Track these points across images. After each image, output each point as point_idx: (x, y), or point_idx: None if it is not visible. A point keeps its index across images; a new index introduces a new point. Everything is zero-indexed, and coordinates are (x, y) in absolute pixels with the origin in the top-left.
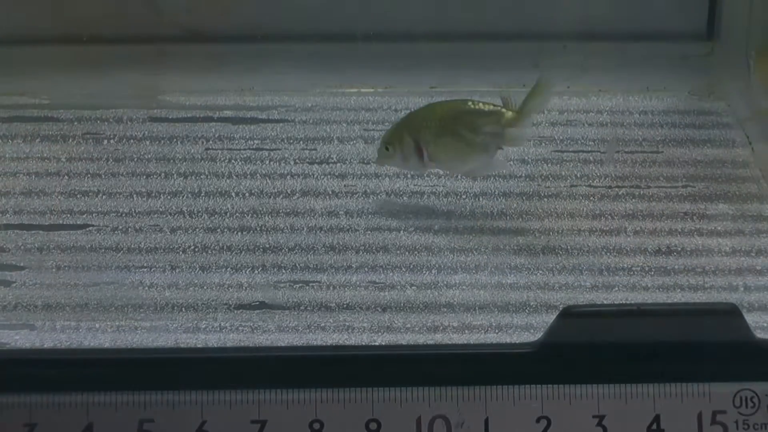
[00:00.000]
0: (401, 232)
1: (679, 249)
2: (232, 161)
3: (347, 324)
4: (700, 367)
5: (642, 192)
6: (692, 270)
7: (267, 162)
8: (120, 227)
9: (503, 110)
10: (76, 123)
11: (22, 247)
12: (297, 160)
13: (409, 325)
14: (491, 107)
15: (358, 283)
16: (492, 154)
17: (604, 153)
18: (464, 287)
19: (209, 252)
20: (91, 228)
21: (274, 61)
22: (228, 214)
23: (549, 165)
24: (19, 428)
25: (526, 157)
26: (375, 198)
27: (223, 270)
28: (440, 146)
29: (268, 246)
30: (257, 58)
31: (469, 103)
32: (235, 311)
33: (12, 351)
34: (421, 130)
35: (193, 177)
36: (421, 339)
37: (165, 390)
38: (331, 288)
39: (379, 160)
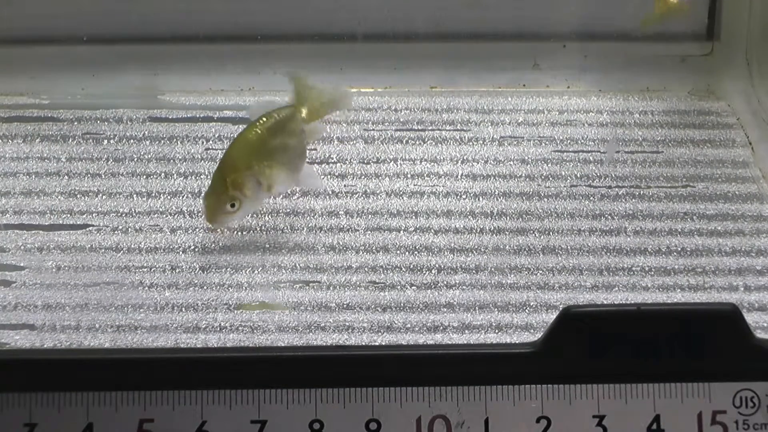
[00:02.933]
0: (401, 232)
1: (679, 249)
2: None
3: (347, 324)
4: (700, 367)
5: (642, 192)
6: (692, 270)
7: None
8: (120, 227)
9: (288, 107)
10: (76, 123)
11: (22, 247)
12: None
13: (409, 325)
14: (277, 111)
15: (358, 283)
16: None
17: (604, 153)
18: (464, 287)
19: (209, 252)
20: (91, 228)
21: (274, 61)
22: None
23: (549, 165)
24: (19, 428)
25: (526, 157)
26: (375, 198)
27: (223, 270)
28: (273, 166)
29: (268, 246)
30: (257, 58)
31: (257, 121)
32: (235, 311)
33: (12, 351)
34: (251, 163)
35: (193, 177)
36: (421, 339)
37: (165, 390)
38: (331, 288)
39: (219, 221)
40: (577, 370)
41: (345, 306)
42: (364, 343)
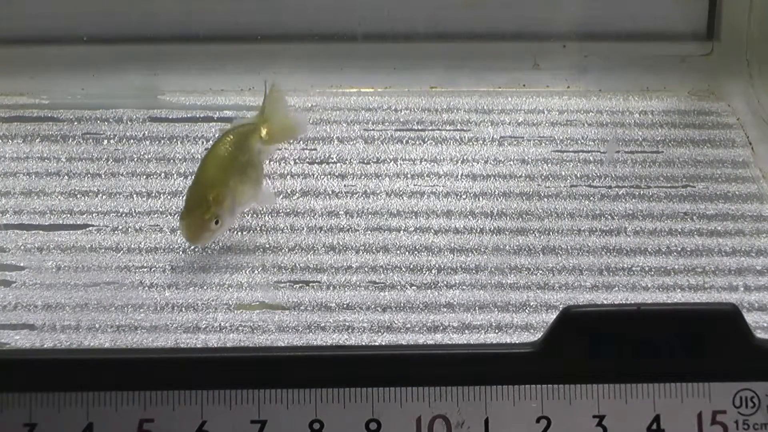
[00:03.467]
0: (401, 232)
1: (679, 249)
2: None
3: (347, 324)
4: (700, 367)
5: (642, 192)
6: (692, 270)
7: (267, 162)
8: (120, 227)
9: (253, 122)
10: (76, 123)
11: (22, 247)
12: (297, 160)
13: (409, 325)
14: (242, 127)
15: (358, 283)
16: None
17: (604, 153)
18: (464, 287)
19: (209, 252)
20: (91, 228)
21: (274, 61)
22: None
23: (549, 165)
24: (19, 428)
25: (526, 157)
26: (375, 198)
27: (223, 270)
28: (244, 182)
29: (268, 246)
30: (257, 58)
31: (225, 138)
32: (235, 311)
33: (12, 351)
34: (227, 180)
35: (193, 177)
36: (421, 339)
37: (165, 390)
38: (331, 288)
39: (203, 240)
40: (577, 370)
41: (345, 306)
42: (364, 343)
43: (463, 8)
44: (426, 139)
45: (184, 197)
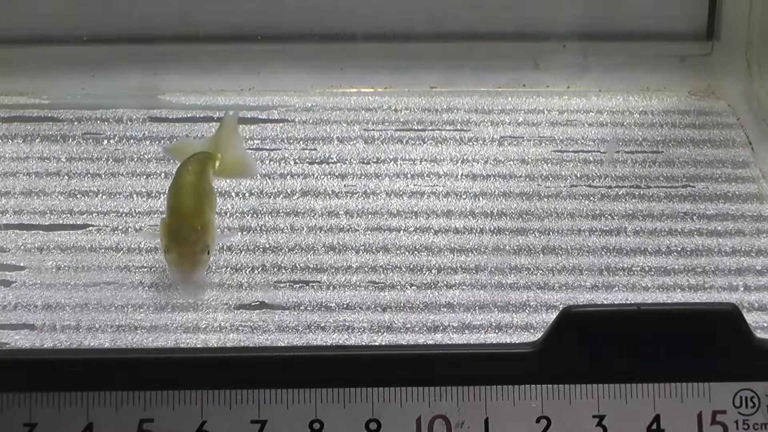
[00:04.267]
0: (401, 232)
1: (679, 249)
2: None
3: (347, 324)
4: (700, 367)
5: (642, 192)
6: (692, 270)
7: (267, 162)
8: (120, 227)
9: (207, 153)
10: (76, 123)
11: (22, 247)
12: (297, 160)
13: (409, 325)
14: (200, 155)
15: (358, 283)
16: None
17: (604, 153)
18: (464, 287)
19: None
20: (91, 228)
21: (274, 61)
22: (228, 214)
23: (549, 165)
24: (19, 428)
25: (526, 157)
26: (375, 198)
27: (223, 270)
28: (211, 210)
29: (268, 246)
30: (257, 58)
31: (189, 166)
32: (235, 311)
33: (12, 351)
34: (204, 207)
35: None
36: (421, 339)
37: (165, 390)
38: (331, 288)
39: (199, 272)
40: (577, 370)
41: (345, 306)
42: (364, 343)
43: (463, 8)
44: (426, 139)
45: (165, 230)
